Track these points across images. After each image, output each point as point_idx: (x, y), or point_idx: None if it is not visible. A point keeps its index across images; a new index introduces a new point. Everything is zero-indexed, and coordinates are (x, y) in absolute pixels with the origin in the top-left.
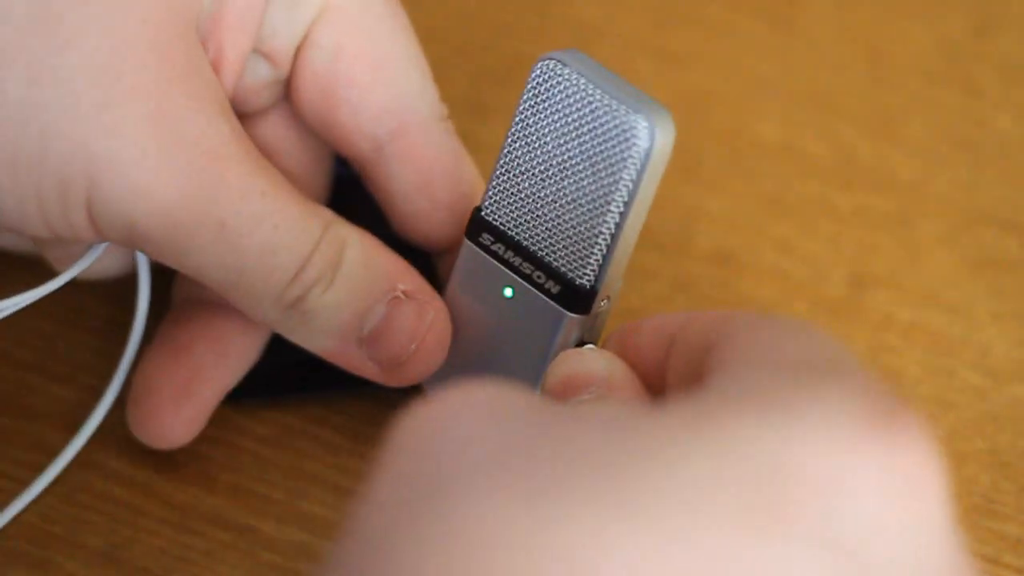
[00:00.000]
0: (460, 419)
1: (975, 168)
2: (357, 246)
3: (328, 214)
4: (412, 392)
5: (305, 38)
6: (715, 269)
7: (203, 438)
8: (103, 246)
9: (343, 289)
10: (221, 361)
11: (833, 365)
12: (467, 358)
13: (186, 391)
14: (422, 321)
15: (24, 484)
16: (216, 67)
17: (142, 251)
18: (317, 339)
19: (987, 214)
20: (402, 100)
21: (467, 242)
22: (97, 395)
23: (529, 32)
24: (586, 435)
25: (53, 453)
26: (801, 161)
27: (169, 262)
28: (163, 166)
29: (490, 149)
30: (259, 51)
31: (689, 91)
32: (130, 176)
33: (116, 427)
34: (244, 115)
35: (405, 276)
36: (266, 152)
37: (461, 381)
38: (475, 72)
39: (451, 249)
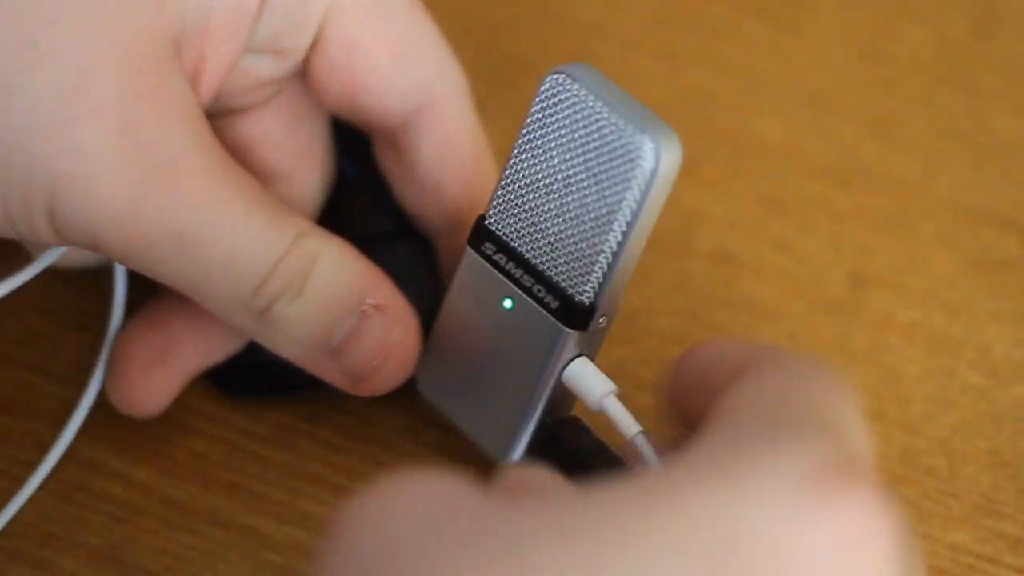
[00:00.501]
0: (400, 518)
1: (975, 168)
2: (330, 257)
3: (302, 224)
4: (409, 392)
5: (319, 33)
6: (715, 269)
7: (203, 437)
8: None
9: (311, 301)
10: (198, 333)
11: (806, 419)
12: (464, 366)
13: (159, 359)
14: (389, 336)
15: (17, 481)
16: (198, 76)
17: (108, 257)
18: (285, 346)
19: (987, 214)
20: (425, 79)
21: (469, 250)
22: (81, 389)
23: (529, 32)
24: (530, 523)
25: (45, 449)
26: (801, 161)
27: (136, 269)
28: (121, 179)
29: (489, 150)
30: (264, 50)
31: (689, 91)
32: (89, 190)
33: (116, 427)
34: (236, 111)
35: (378, 289)
36: (255, 146)
37: (459, 390)
38: (475, 72)
39: (461, 228)
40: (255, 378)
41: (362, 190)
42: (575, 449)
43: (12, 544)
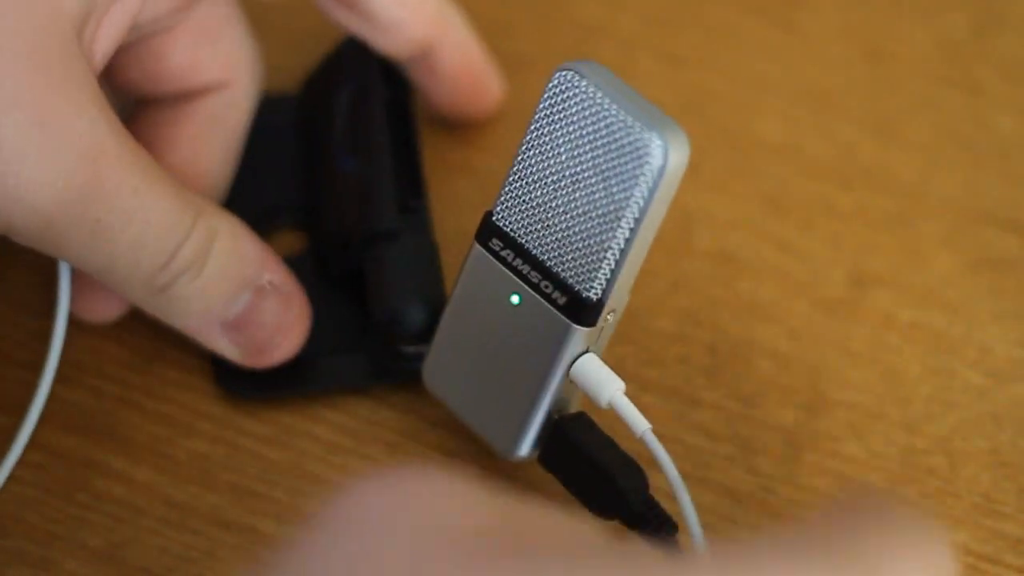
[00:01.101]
0: (401, 519)
1: (975, 168)
2: (227, 235)
3: (200, 202)
4: (411, 393)
5: None
6: (715, 269)
7: (204, 438)
8: None
9: (210, 276)
10: None
11: (839, 550)
12: (470, 362)
13: None
14: (284, 314)
15: (23, 483)
16: (109, 27)
17: (15, 239)
18: (180, 319)
19: (987, 214)
20: (431, 19)
21: (476, 245)
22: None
23: (529, 32)
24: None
25: (55, 453)
26: (801, 161)
27: (44, 252)
28: (41, 171)
29: (489, 149)
30: None
31: (689, 91)
32: (8, 183)
33: (116, 426)
34: (160, 31)
35: (272, 267)
36: (186, 63)
37: (465, 385)
38: None
39: (431, 53)
40: (255, 378)
41: (362, 187)
42: (582, 444)
43: (13, 544)
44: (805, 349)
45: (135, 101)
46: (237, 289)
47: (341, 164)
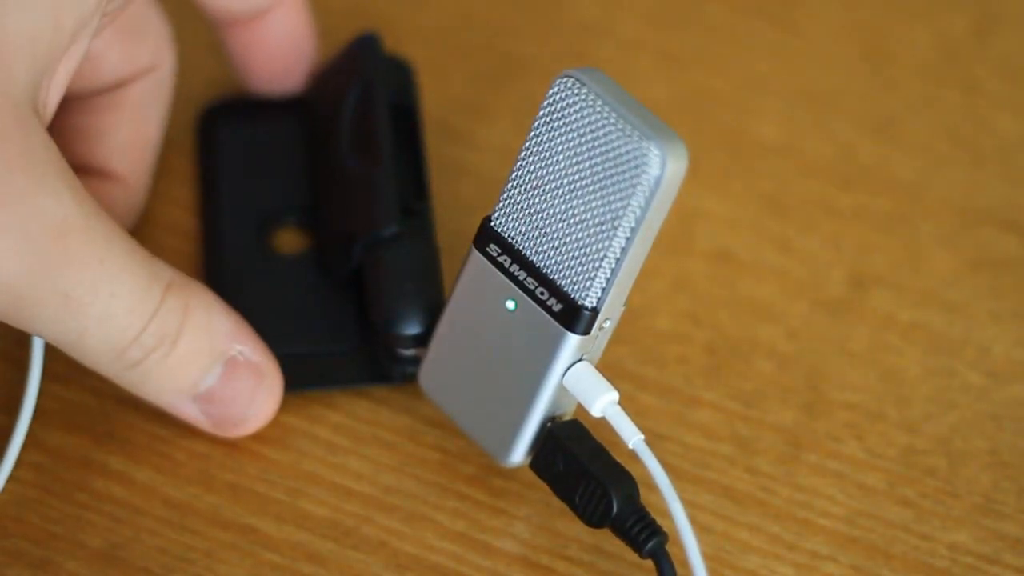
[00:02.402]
0: None
1: (975, 168)
2: (200, 309)
3: (170, 274)
4: (409, 393)
5: None
6: (715, 269)
7: (204, 438)
8: None
9: (182, 353)
10: None
11: None
12: (466, 366)
13: None
14: (261, 383)
15: (24, 484)
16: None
17: None
18: (152, 395)
19: (987, 214)
20: None
21: (474, 251)
22: (98, 396)
23: (529, 32)
24: None
25: (55, 453)
26: (801, 161)
27: (11, 324)
28: (9, 249)
29: (489, 149)
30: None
31: (689, 91)
32: None
33: (116, 426)
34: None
35: (244, 337)
36: (117, 58)
37: (461, 389)
38: (475, 72)
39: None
40: None
41: (366, 188)
42: (573, 453)
43: (13, 544)
44: (805, 349)
45: (69, 97)
46: (209, 363)
47: (346, 165)
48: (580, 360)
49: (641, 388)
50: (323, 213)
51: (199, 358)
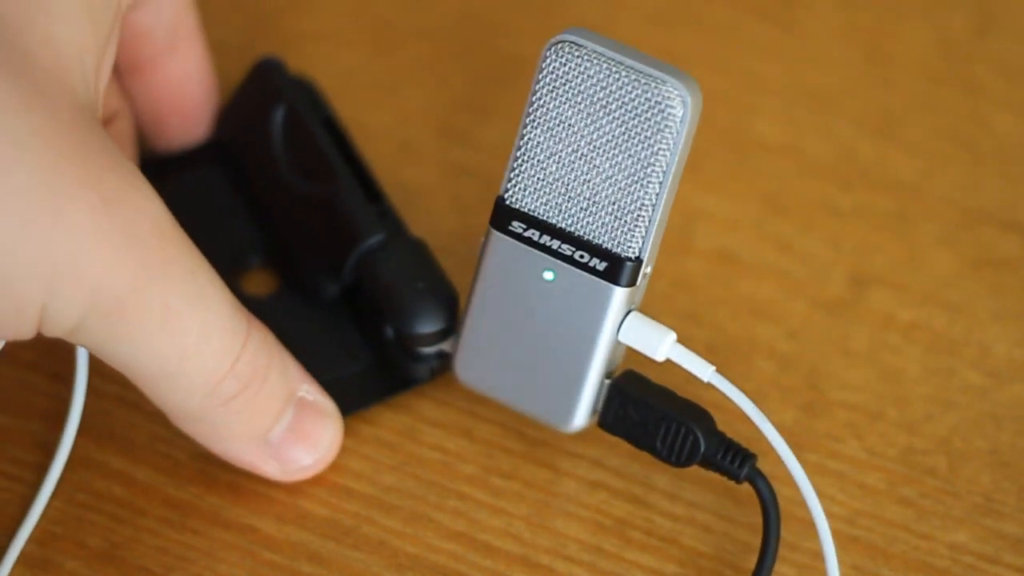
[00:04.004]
0: None
1: (975, 168)
2: (276, 346)
3: (247, 311)
4: (410, 393)
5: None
6: (715, 269)
7: None
8: None
9: (270, 390)
10: None
11: None
12: (509, 346)
13: None
14: (324, 425)
15: (18, 481)
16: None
17: (75, 343)
18: (225, 440)
19: (987, 214)
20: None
21: (494, 232)
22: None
23: (529, 32)
24: None
25: (44, 449)
26: (801, 161)
27: (103, 353)
28: (117, 251)
29: (490, 149)
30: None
31: None
32: (86, 273)
33: (116, 426)
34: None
35: (306, 376)
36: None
37: (506, 369)
38: (475, 72)
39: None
40: None
41: (334, 207)
42: (647, 399)
43: (13, 544)
44: (805, 349)
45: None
46: (286, 403)
47: (298, 190)
48: (630, 312)
49: None
50: (290, 245)
51: (279, 398)
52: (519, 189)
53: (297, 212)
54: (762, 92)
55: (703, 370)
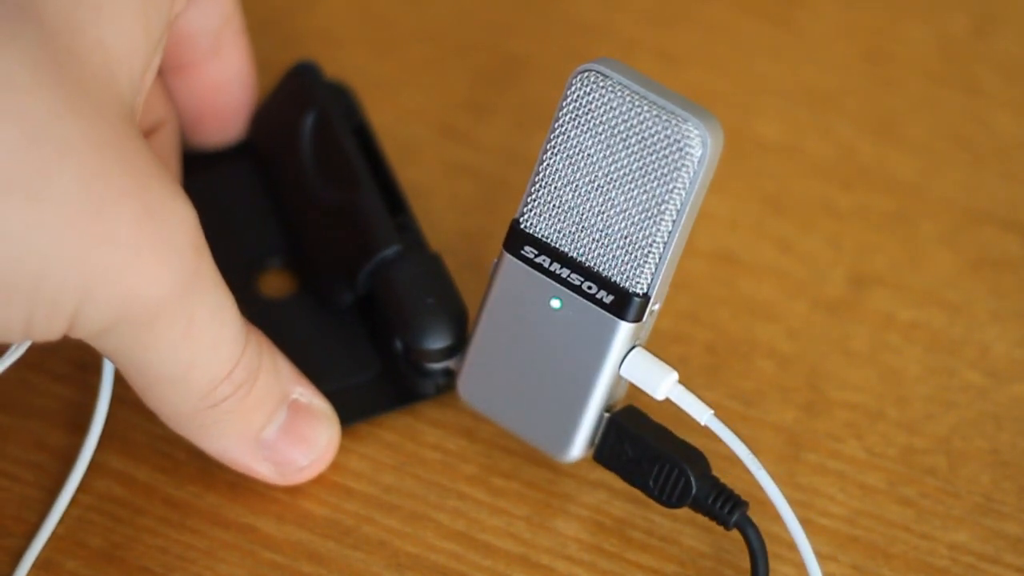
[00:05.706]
0: None
1: (975, 168)
2: (268, 350)
3: (243, 317)
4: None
5: None
6: (715, 269)
7: None
8: None
9: (258, 393)
10: None
11: None
12: (512, 370)
13: None
14: (319, 428)
15: (19, 481)
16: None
17: (96, 346)
18: (219, 441)
19: (987, 214)
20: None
21: (507, 256)
22: (83, 388)
23: (529, 32)
24: None
25: (47, 449)
26: (801, 161)
27: (119, 357)
28: (158, 261)
29: (490, 149)
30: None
31: (689, 91)
32: (124, 281)
33: (116, 426)
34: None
35: (301, 379)
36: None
37: (507, 393)
38: (475, 72)
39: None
40: None
41: (355, 216)
42: (643, 437)
43: (13, 544)
44: (805, 349)
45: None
46: (276, 406)
47: (321, 197)
48: (634, 347)
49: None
50: (309, 250)
51: (270, 400)
52: (535, 214)
53: (319, 218)
54: (762, 92)
55: (701, 413)
